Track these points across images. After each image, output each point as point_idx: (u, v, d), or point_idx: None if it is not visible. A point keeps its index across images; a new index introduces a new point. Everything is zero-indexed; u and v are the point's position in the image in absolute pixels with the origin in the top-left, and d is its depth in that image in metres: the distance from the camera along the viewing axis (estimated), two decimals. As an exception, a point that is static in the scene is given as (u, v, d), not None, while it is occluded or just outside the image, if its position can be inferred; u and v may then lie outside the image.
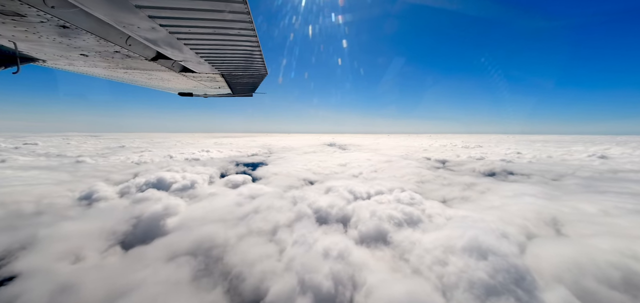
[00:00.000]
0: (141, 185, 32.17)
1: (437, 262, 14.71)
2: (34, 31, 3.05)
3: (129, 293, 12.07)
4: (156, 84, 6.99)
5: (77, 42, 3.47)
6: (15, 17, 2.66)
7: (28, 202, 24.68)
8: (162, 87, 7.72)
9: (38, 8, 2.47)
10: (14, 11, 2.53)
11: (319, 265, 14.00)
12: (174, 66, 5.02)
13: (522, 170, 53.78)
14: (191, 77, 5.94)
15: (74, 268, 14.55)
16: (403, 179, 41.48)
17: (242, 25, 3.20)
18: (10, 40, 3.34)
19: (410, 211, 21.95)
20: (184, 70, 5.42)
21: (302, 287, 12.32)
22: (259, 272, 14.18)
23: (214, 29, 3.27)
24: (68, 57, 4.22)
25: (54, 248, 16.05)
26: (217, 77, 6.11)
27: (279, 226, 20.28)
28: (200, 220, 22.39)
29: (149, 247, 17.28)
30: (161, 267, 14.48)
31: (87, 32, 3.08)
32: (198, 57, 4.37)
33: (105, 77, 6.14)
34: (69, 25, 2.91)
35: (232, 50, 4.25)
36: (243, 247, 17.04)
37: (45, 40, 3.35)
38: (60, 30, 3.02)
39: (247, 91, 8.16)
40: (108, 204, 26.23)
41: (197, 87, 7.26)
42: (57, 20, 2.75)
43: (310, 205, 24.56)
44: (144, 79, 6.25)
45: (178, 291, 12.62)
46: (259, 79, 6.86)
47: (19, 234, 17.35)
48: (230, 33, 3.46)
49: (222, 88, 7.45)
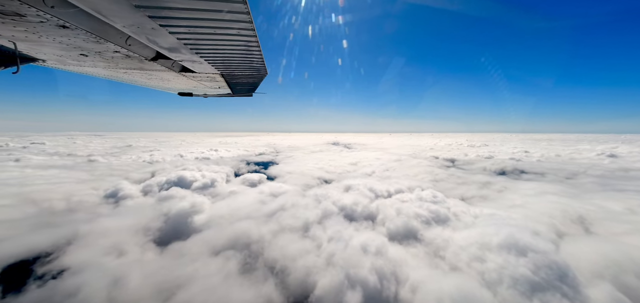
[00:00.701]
0: (162, 184, 32.57)
1: (475, 259, 14.95)
2: (33, 31, 3.05)
3: (188, 284, 12.43)
4: (156, 83, 7.02)
5: (76, 42, 3.47)
6: (15, 17, 2.66)
7: (58, 200, 25.13)
8: (162, 87, 7.73)
9: (38, 8, 2.47)
10: (13, 11, 2.52)
11: (360, 261, 14.29)
12: (173, 66, 5.04)
13: (533, 168, 53.81)
14: (191, 77, 5.96)
15: (120, 262, 14.94)
16: (417, 178, 41.68)
17: (242, 25, 3.21)
18: (10, 40, 3.35)
19: (436, 209, 22.17)
20: (183, 70, 5.43)
21: (349, 281, 12.60)
22: (302, 266, 14.49)
23: (214, 29, 3.29)
24: (68, 56, 4.24)
25: (97, 243, 16.44)
26: (217, 77, 6.12)
27: (309, 223, 20.57)
28: (228, 217, 22.74)
29: (187, 243, 17.63)
30: (209, 261, 14.82)
31: (86, 32, 3.09)
32: (198, 57, 4.38)
33: (105, 77, 6.20)
34: (68, 25, 2.91)
35: (232, 50, 4.26)
36: (280, 243, 17.36)
37: (45, 40, 3.36)
38: (60, 30, 3.03)
39: (247, 91, 8.23)
40: (135, 202, 26.64)
41: (197, 87, 7.27)
42: (57, 20, 2.75)
43: (335, 203, 24.84)
44: (144, 79, 6.27)
45: (232, 283, 12.96)
46: (259, 79, 6.89)
47: (62, 230, 17.76)
48: (230, 33, 3.48)
49: (222, 88, 7.47)
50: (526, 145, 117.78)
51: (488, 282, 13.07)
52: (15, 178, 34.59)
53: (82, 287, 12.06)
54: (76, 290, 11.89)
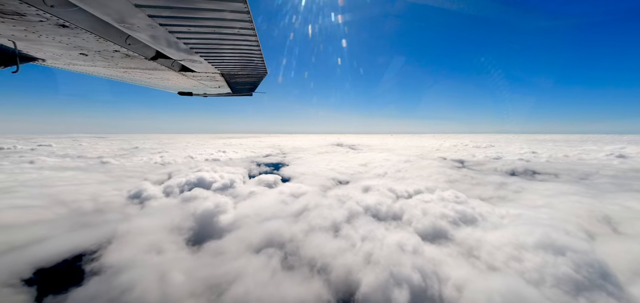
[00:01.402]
0: (183, 185, 32.89)
1: (512, 259, 15.09)
2: (33, 30, 3.04)
3: (238, 280, 12.68)
4: (156, 83, 7.01)
5: (76, 41, 3.47)
6: (15, 16, 2.65)
7: (85, 201, 25.46)
8: (161, 86, 7.73)
9: (37, 7, 2.47)
10: (13, 10, 2.52)
11: (400, 259, 14.48)
12: (173, 65, 5.06)
13: (545, 169, 53.77)
14: (191, 76, 5.94)
15: (164, 259, 15.23)
16: (431, 179, 41.79)
17: (242, 24, 3.20)
18: (9, 40, 3.34)
19: (461, 209, 22.31)
20: (183, 70, 5.42)
21: (394, 279, 12.79)
22: (342, 264, 14.70)
23: (214, 28, 3.28)
24: (67, 56, 4.23)
25: (137, 241, 16.75)
26: (216, 76, 6.13)
27: (337, 223, 20.79)
28: (255, 216, 23.00)
29: (223, 242, 17.89)
30: (252, 258, 15.08)
31: (86, 31, 3.09)
32: (198, 56, 4.38)
33: (105, 76, 6.17)
34: (68, 25, 2.90)
35: (232, 50, 4.26)
36: (314, 242, 17.58)
37: (45, 40, 3.36)
38: (60, 29, 3.02)
39: (247, 90, 8.21)
40: (159, 203, 26.94)
41: (196, 86, 7.26)
42: (57, 19, 2.74)
43: (358, 203, 25.05)
44: (144, 78, 6.27)
45: (281, 279, 13.20)
46: (258, 78, 6.88)
47: (100, 230, 18.08)
48: (230, 32, 3.46)
49: (221, 87, 7.47)
50: (531, 146, 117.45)
51: (531, 281, 13.22)
52: (36, 180, 35.03)
53: (137, 282, 12.35)
54: (131, 285, 12.19)
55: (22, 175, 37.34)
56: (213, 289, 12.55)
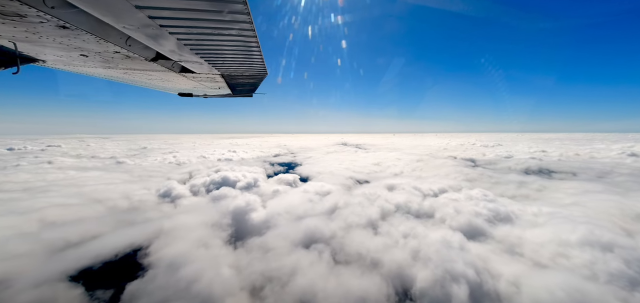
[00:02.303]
0: (208, 184, 33.30)
1: (558, 256, 15.28)
2: (34, 31, 3.05)
3: (296, 274, 13.04)
4: (156, 84, 7.04)
5: (77, 43, 3.47)
6: (15, 18, 2.67)
7: (118, 199, 25.92)
8: (162, 87, 7.76)
9: (38, 8, 2.49)
10: (14, 12, 2.53)
11: (449, 255, 14.72)
12: (173, 66, 5.07)
13: (561, 168, 53.65)
14: (191, 77, 5.96)
15: (214, 253, 15.63)
16: (450, 177, 41.90)
17: (242, 25, 3.21)
18: (10, 41, 3.36)
19: (494, 208, 22.49)
20: (183, 71, 5.43)
21: (450, 275, 13.04)
22: (391, 260, 14.96)
23: (214, 29, 3.28)
24: (68, 57, 4.24)
25: (186, 237, 17.16)
26: (217, 78, 6.16)
27: (373, 220, 21.07)
28: (287, 214, 23.32)
29: (266, 238, 18.23)
30: (303, 254, 15.43)
31: (87, 32, 3.10)
32: (198, 57, 4.39)
33: (105, 77, 6.19)
34: (68, 26, 2.91)
35: (232, 51, 4.26)
36: (356, 238, 17.87)
37: (45, 41, 3.37)
38: (60, 30, 3.02)
39: (247, 91, 8.19)
40: (190, 201, 27.35)
41: (197, 87, 7.29)
42: (57, 20, 2.75)
43: (388, 201, 25.30)
44: (144, 79, 6.29)
45: (338, 273, 13.52)
46: (259, 79, 6.91)
47: (147, 227, 18.48)
48: (230, 33, 3.47)
49: (222, 88, 7.49)
50: (539, 145, 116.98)
51: (582, 277, 13.41)
52: (64, 180, 35.62)
53: (197, 275, 12.75)
54: (192, 278, 12.58)
55: (48, 175, 37.96)
56: (274, 281, 12.90)
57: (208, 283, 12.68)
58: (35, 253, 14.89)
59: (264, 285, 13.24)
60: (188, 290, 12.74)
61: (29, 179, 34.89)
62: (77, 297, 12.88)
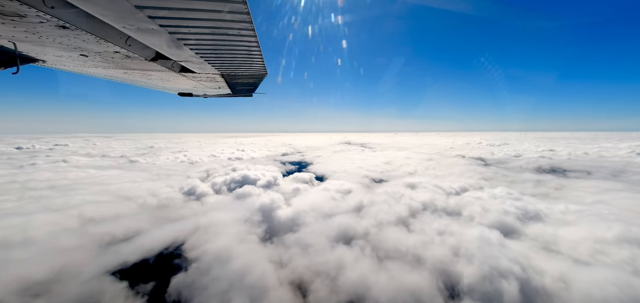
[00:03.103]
0: (229, 182, 33.59)
1: (597, 253, 15.44)
2: (33, 31, 3.05)
3: (343, 268, 13.33)
4: (156, 84, 7.06)
5: (76, 43, 3.47)
6: (15, 18, 2.67)
7: (146, 197, 26.22)
8: (161, 87, 7.77)
9: (37, 8, 2.49)
10: (13, 11, 2.53)
11: (491, 252, 14.91)
12: (173, 66, 5.07)
13: (574, 166, 53.62)
14: (191, 77, 5.98)
15: (255, 248, 15.95)
16: (465, 176, 42.00)
17: (242, 25, 3.21)
18: (10, 41, 3.36)
19: (522, 206, 22.64)
20: (183, 71, 5.44)
21: (497, 271, 13.24)
22: (432, 257, 15.17)
23: (214, 29, 3.28)
24: (68, 57, 4.24)
25: (224, 232, 17.49)
26: (217, 77, 6.16)
27: (402, 218, 21.29)
28: (314, 212, 23.55)
29: (300, 235, 18.49)
30: (345, 250, 15.70)
31: (86, 32, 3.10)
32: (198, 57, 4.39)
33: (105, 77, 6.20)
34: (68, 26, 2.91)
35: (232, 51, 4.27)
36: (391, 236, 18.10)
37: (45, 41, 3.38)
38: (60, 30, 3.02)
39: (247, 91, 8.21)
40: (215, 199, 27.65)
41: (197, 87, 7.31)
42: (57, 20, 2.75)
43: (413, 199, 25.49)
44: (144, 79, 6.32)
45: (387, 268, 13.78)
46: (258, 79, 6.93)
47: (182, 223, 18.77)
48: (230, 33, 3.46)
49: (222, 88, 7.51)
50: (546, 144, 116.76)
51: (630, 273, 13.55)
52: (85, 178, 36.00)
53: (244, 269, 13.07)
54: (239, 271, 12.88)
55: (68, 174, 38.34)
56: (322, 276, 13.17)
57: (252, 277, 12.98)
58: (86, 247, 15.25)
59: (313, 279, 13.51)
60: (235, 284, 13.03)
61: (51, 177, 35.29)
62: (126, 289, 13.22)
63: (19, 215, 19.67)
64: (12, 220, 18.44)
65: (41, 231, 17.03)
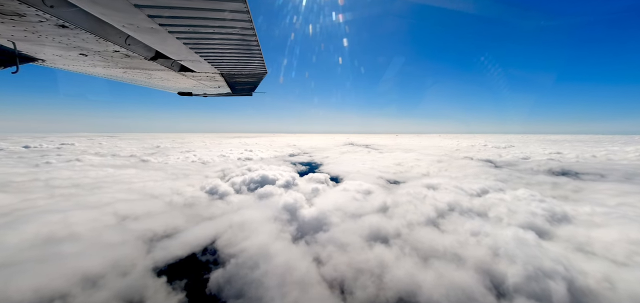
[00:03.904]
0: (248, 182, 33.83)
1: (634, 253, 15.58)
2: (33, 31, 3.05)
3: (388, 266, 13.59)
4: (155, 83, 7.04)
5: (76, 42, 3.46)
6: (14, 17, 2.66)
7: (172, 195, 26.50)
8: (161, 86, 7.75)
9: (37, 8, 2.49)
10: (12, 11, 2.52)
11: (533, 253, 15.06)
12: (173, 65, 5.07)
13: (584, 169, 53.71)
14: (191, 76, 5.96)
15: (287, 246, 16.28)
16: (481, 178, 42.07)
17: (241, 24, 3.21)
18: (9, 40, 3.35)
19: (548, 207, 22.78)
20: (183, 70, 5.45)
21: (541, 271, 13.40)
22: (471, 256, 15.34)
23: (214, 28, 3.26)
24: (67, 56, 4.23)
25: (257, 230, 17.73)
26: (216, 77, 6.15)
27: (431, 218, 21.46)
28: (339, 212, 23.75)
29: (333, 234, 18.73)
30: (384, 249, 15.94)
31: (86, 31, 3.10)
32: (197, 56, 4.37)
33: (105, 76, 6.18)
34: (68, 25, 2.91)
35: (231, 50, 4.26)
36: (425, 236, 18.27)
37: (45, 40, 3.38)
38: (59, 29, 3.02)
39: (246, 90, 8.20)
40: (239, 198, 27.86)
41: (196, 86, 7.29)
42: (56, 19, 2.75)
43: (438, 200, 25.66)
44: (144, 78, 6.30)
45: (429, 266, 13.99)
46: (258, 78, 6.92)
47: (215, 222, 19.01)
48: (230, 32, 3.45)
49: (221, 87, 7.49)
50: (551, 147, 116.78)
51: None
52: (106, 177, 36.33)
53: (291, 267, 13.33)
54: (286, 268, 13.13)
55: (88, 172, 38.69)
56: (365, 274, 13.41)
57: (296, 273, 13.23)
58: (131, 242, 15.55)
59: (358, 276, 13.71)
60: (281, 280, 13.25)
61: (72, 176, 35.62)
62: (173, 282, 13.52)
63: (55, 212, 19.98)
64: (50, 217, 18.75)
65: (83, 227, 17.33)
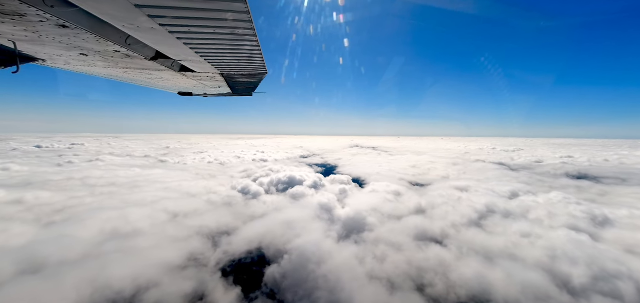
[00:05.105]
0: (275, 183, 34.21)
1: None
2: (33, 30, 3.05)
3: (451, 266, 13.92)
4: (156, 83, 7.05)
5: (76, 42, 3.47)
6: (15, 17, 2.66)
7: (208, 195, 26.90)
8: (161, 86, 7.75)
9: (37, 7, 2.49)
10: (13, 10, 2.51)
11: (594, 254, 15.24)
12: (173, 65, 5.07)
13: (603, 173, 53.64)
14: (191, 76, 5.96)
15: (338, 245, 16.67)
16: (504, 181, 42.07)
17: (242, 24, 3.21)
18: (9, 40, 3.36)
19: (588, 210, 22.93)
20: (183, 70, 5.46)
21: (606, 273, 13.60)
22: (529, 256, 15.56)
23: (214, 28, 3.26)
24: (68, 56, 4.24)
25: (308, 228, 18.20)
26: (217, 77, 6.15)
27: (473, 220, 21.72)
28: (376, 212, 24.05)
29: (379, 233, 19.03)
30: (436, 248, 16.29)
31: (86, 31, 3.10)
32: (198, 56, 4.36)
33: (105, 76, 6.18)
34: (68, 25, 2.91)
35: (232, 50, 4.27)
36: (476, 237, 18.50)
37: (45, 40, 3.38)
38: (60, 29, 3.01)
39: (247, 91, 8.23)
40: (272, 199, 28.17)
41: (196, 86, 7.27)
42: (57, 19, 2.75)
43: (474, 202, 25.89)
44: (144, 78, 6.30)
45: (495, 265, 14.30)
46: (259, 79, 6.94)
47: (264, 220, 19.40)
48: (230, 32, 3.45)
49: (222, 87, 7.48)
50: (560, 150, 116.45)
51: None
52: (136, 177, 36.83)
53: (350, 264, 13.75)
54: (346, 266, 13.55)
55: (118, 172, 39.26)
56: (429, 272, 13.76)
57: (360, 270, 13.57)
58: (195, 238, 15.98)
59: (423, 275, 14.01)
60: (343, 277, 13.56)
61: (104, 175, 36.18)
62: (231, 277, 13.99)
63: (108, 209, 20.43)
64: (107, 213, 19.19)
65: (143, 223, 17.79)
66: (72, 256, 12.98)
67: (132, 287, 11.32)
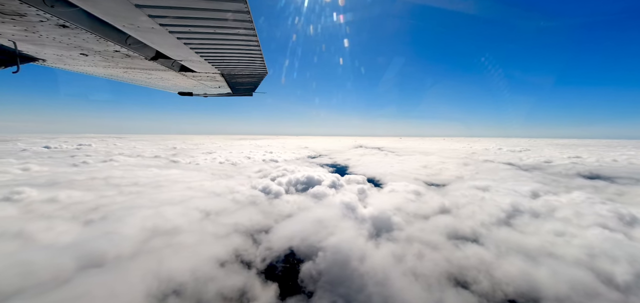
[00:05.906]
0: (294, 182, 34.46)
1: None
2: (33, 30, 3.07)
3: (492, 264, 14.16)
4: (156, 83, 7.10)
5: (76, 42, 3.49)
6: (15, 17, 2.67)
7: (231, 194, 27.17)
8: (161, 86, 7.79)
9: (38, 7, 2.50)
10: (13, 10, 2.53)
11: (633, 251, 15.34)
12: (173, 65, 5.11)
13: (616, 174, 53.47)
14: (191, 76, 6.01)
15: (370, 243, 16.97)
16: (520, 181, 42.05)
17: (242, 24, 3.23)
18: (10, 40, 3.38)
19: (614, 209, 22.98)
20: (183, 70, 5.50)
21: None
22: (568, 255, 15.68)
23: (214, 28, 3.28)
24: (68, 56, 4.27)
25: (340, 227, 18.41)
26: (217, 77, 6.20)
27: (502, 219, 21.84)
28: (400, 212, 24.20)
29: (411, 232, 19.18)
30: (474, 247, 16.49)
31: (86, 31, 3.12)
32: (198, 56, 4.40)
33: (105, 76, 6.21)
34: (68, 25, 2.93)
35: (232, 50, 4.30)
36: (508, 237, 18.62)
37: (45, 40, 3.39)
38: (60, 29, 3.03)
39: (247, 91, 8.28)
40: (294, 198, 28.36)
41: (196, 86, 7.32)
42: (57, 19, 2.77)
43: (499, 202, 26.02)
44: (144, 78, 6.35)
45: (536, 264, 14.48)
46: (259, 79, 7.00)
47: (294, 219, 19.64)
48: (230, 32, 3.47)
49: (222, 87, 7.54)
50: (567, 150, 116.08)
51: None
52: (156, 177, 37.16)
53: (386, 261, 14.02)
54: (384, 263, 13.84)
55: (138, 172, 39.65)
56: (470, 270, 13.96)
57: (400, 267, 13.83)
58: (233, 235, 16.28)
59: (464, 273, 14.19)
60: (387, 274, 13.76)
61: (125, 175, 36.57)
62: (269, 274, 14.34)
63: (142, 207, 20.74)
64: (143, 212, 19.47)
65: (180, 221, 18.09)
66: (126, 251, 13.33)
67: (192, 280, 11.58)
